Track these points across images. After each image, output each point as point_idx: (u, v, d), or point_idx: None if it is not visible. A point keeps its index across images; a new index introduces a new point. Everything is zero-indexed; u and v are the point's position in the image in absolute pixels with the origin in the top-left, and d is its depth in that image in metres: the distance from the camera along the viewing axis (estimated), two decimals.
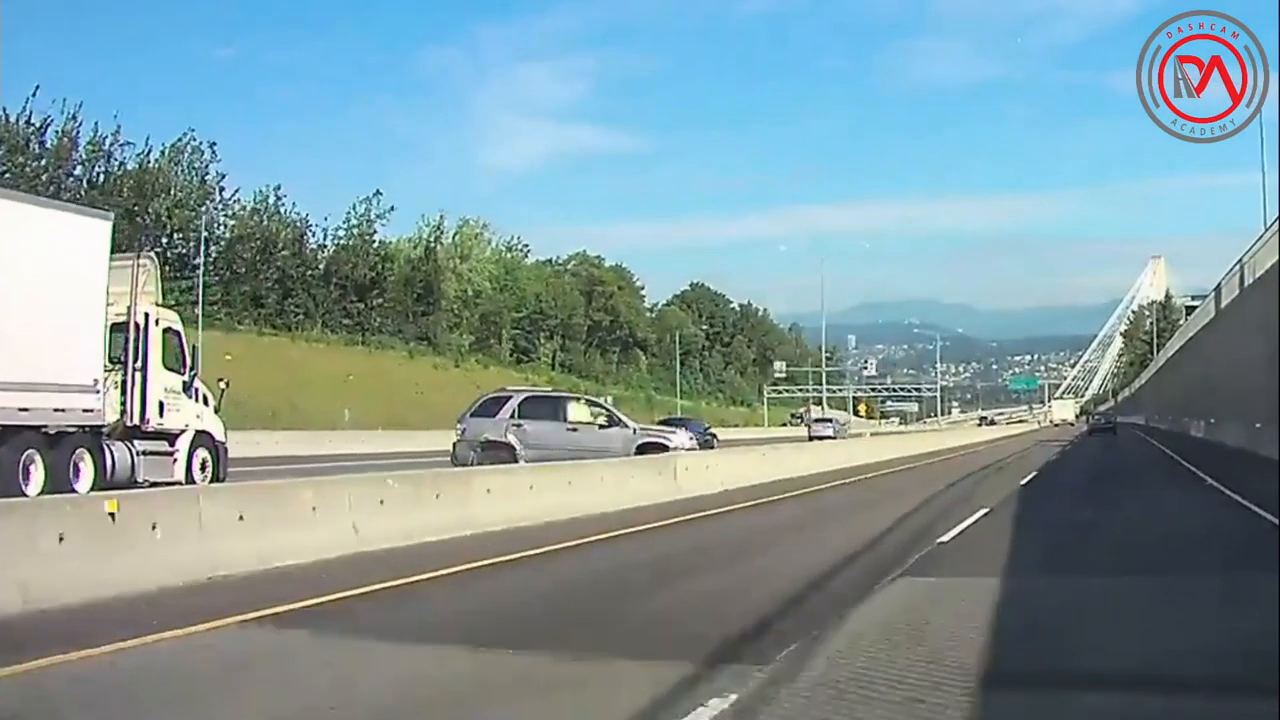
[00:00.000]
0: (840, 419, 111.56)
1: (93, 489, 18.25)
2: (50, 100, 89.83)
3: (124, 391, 20.50)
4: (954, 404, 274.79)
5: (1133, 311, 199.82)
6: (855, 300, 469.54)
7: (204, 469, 22.00)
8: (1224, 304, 40.78)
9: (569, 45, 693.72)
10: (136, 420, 20.57)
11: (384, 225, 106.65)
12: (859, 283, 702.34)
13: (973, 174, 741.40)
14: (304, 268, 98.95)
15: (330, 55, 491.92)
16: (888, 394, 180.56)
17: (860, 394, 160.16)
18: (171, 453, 21.18)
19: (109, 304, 19.77)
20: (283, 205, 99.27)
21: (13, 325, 17.36)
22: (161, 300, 22.42)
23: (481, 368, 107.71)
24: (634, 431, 27.41)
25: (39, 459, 17.89)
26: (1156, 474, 30.70)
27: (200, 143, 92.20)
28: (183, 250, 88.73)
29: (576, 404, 28.58)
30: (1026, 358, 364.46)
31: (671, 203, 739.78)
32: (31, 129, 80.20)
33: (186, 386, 21.82)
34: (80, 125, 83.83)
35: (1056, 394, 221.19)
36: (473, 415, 28.06)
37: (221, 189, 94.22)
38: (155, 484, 19.43)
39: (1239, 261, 35.74)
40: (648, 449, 26.46)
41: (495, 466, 18.57)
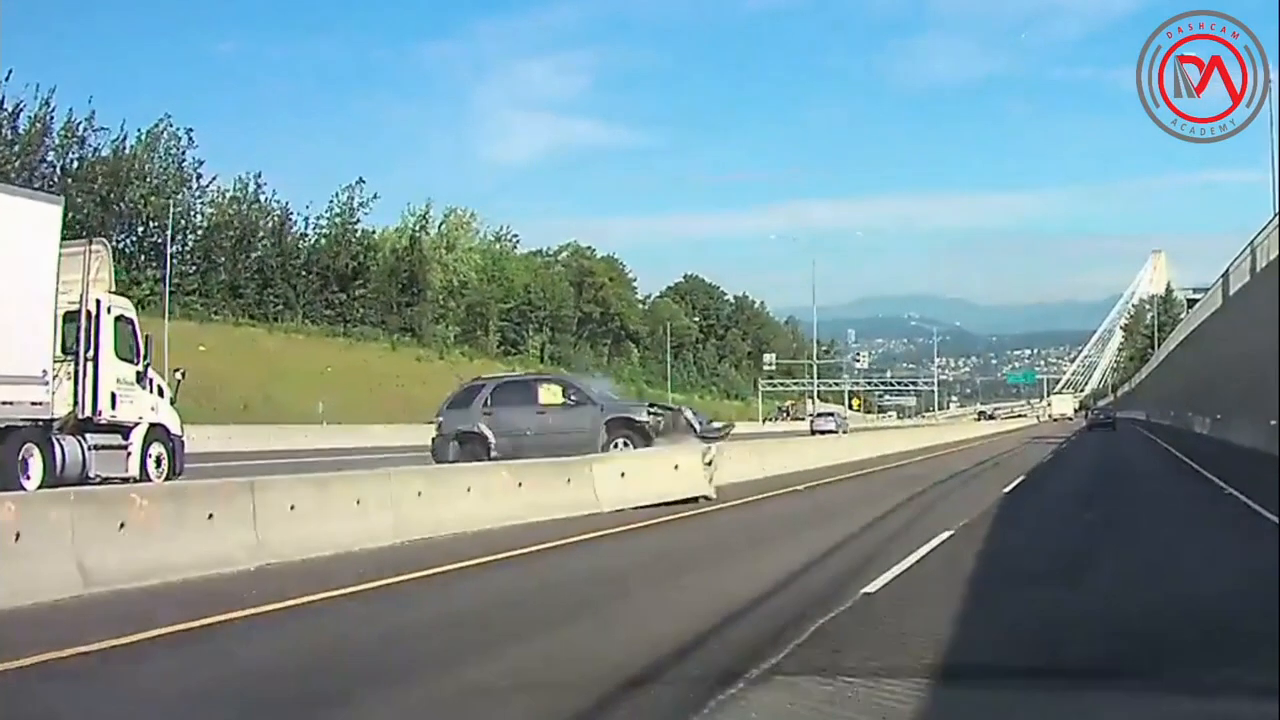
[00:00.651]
0: (841, 413, 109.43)
1: (42, 486, 17.48)
2: (24, 85, 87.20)
3: (76, 383, 19.63)
4: (953, 398, 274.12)
5: (1133, 306, 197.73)
6: (855, 295, 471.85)
7: (159, 464, 21.17)
8: (1232, 291, 38.07)
9: (568, 40, 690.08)
10: (88, 413, 19.73)
11: (367, 214, 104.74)
12: (859, 278, 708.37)
13: (973, 170, 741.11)
14: (284, 257, 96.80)
15: (330, 50, 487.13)
16: (886, 388, 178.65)
17: (856, 388, 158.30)
18: (125, 447, 20.33)
19: (61, 292, 19.01)
20: (263, 193, 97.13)
21: None
22: (114, 288, 21.32)
23: (467, 360, 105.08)
24: (601, 409, 24.86)
25: None
26: (1163, 480, 26.85)
27: (177, 129, 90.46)
28: (158, 239, 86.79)
29: (547, 386, 26.11)
30: (1026, 352, 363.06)
31: (669, 198, 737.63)
32: (3, 114, 78.69)
33: (140, 377, 20.95)
34: (54, 110, 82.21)
35: (1056, 389, 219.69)
36: (449, 407, 26.34)
37: (199, 176, 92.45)
38: (107, 480, 18.85)
39: (1250, 244, 33.11)
40: (616, 426, 24.20)
41: (288, 477, 13.85)
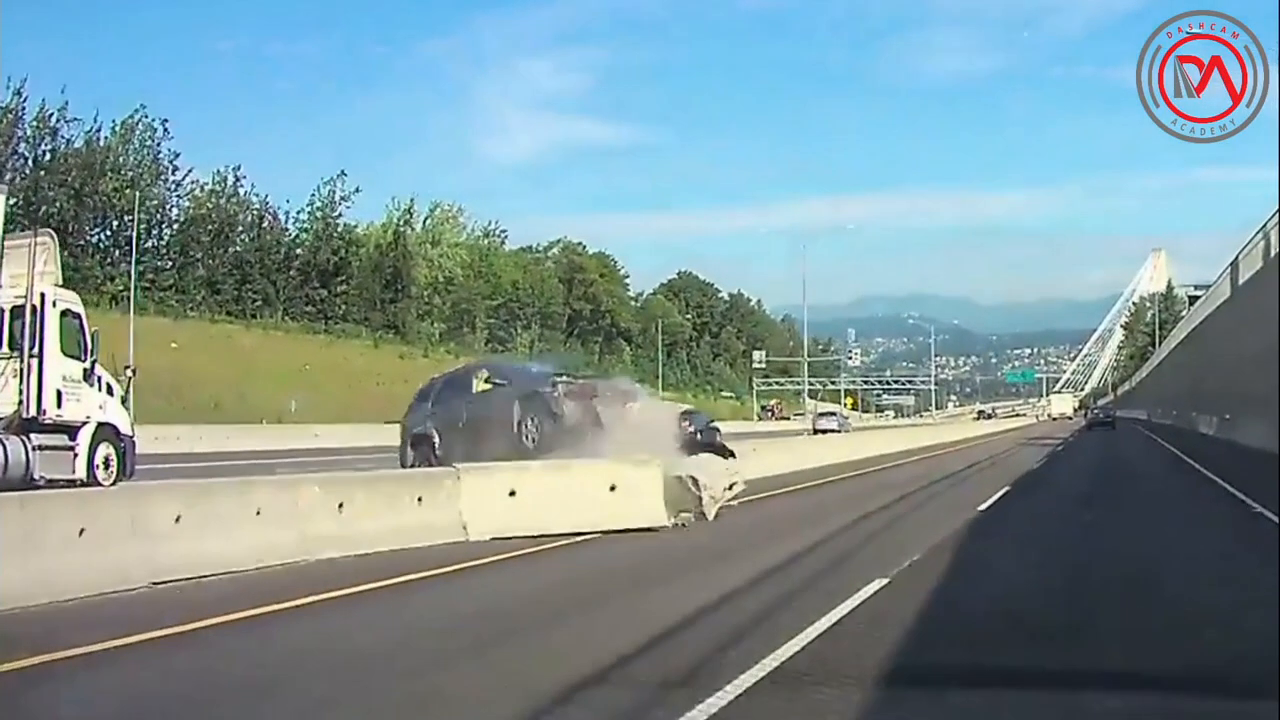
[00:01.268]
0: (844, 413, 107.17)
1: None
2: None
3: (21, 380, 18.81)
4: (952, 397, 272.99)
5: (1133, 304, 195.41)
6: (855, 294, 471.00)
7: (107, 466, 20.10)
8: (1242, 280, 35.38)
9: (568, 37, 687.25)
10: (33, 412, 18.82)
11: (349, 208, 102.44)
12: (859, 277, 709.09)
13: (973, 168, 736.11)
14: (263, 252, 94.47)
15: (328, 47, 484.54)
16: (884, 387, 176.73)
17: (852, 386, 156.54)
18: (71, 448, 19.31)
19: (8, 286, 18.58)
20: (242, 187, 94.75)
21: None
22: (61, 281, 20.41)
23: (452, 358, 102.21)
24: (516, 387, 20.99)
25: None
26: (1174, 494, 22.48)
27: (152, 120, 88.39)
28: (132, 233, 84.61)
29: (479, 373, 22.64)
30: (1026, 351, 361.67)
31: (666, 195, 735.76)
32: None
33: (87, 374, 19.97)
34: (26, 101, 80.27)
35: (1055, 388, 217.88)
36: (410, 408, 23.69)
37: (174, 168, 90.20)
38: (53, 482, 18.04)
39: (1262, 229, 30.45)
40: (526, 404, 19.84)
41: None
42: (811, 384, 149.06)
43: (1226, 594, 9.98)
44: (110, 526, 10.18)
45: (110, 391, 20.75)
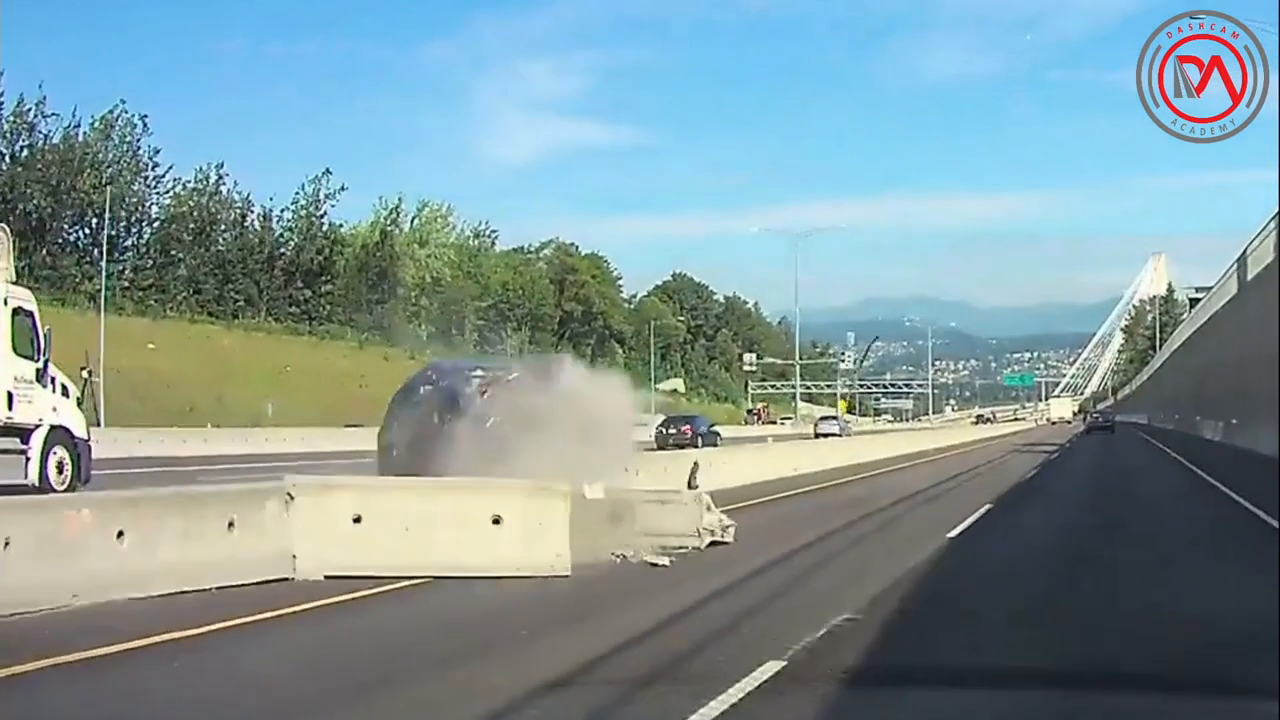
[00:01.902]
0: (845, 417, 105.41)
1: None
2: None
3: None
4: (951, 401, 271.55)
5: (1133, 307, 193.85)
6: (856, 297, 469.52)
7: (61, 470, 19.61)
8: (1250, 276, 33.28)
9: (568, 41, 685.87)
10: None
11: (334, 206, 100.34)
12: (860, 280, 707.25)
13: (973, 171, 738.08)
14: (246, 251, 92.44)
15: (328, 48, 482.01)
16: (882, 391, 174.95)
17: (848, 390, 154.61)
18: (24, 451, 18.86)
19: None
20: (225, 184, 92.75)
21: None
22: (14, 278, 19.97)
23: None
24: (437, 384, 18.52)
25: None
26: (1190, 516, 18.95)
27: (132, 115, 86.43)
28: (112, 231, 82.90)
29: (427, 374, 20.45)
30: (1026, 355, 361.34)
31: (666, 198, 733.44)
32: None
33: (40, 375, 19.46)
34: (2, 96, 79.02)
35: (1055, 392, 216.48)
36: (385, 417, 21.08)
37: (154, 165, 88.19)
38: (4, 488, 16.78)
39: (1275, 219, 28.32)
40: (447, 405, 17.37)
41: None
42: (809, 387, 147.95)
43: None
44: None
45: (65, 393, 20.25)
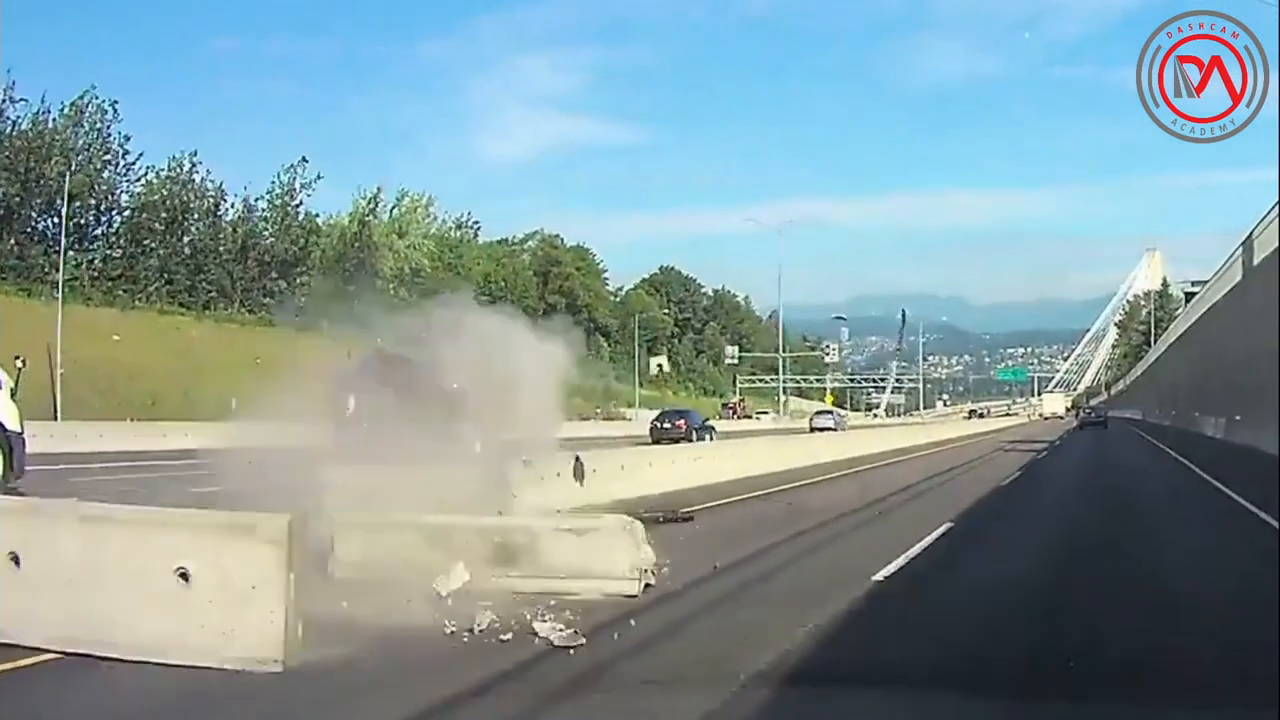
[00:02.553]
0: (840, 412, 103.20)
1: None
2: None
3: None
4: (944, 396, 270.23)
5: (1128, 301, 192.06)
6: (851, 293, 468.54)
7: None
8: (1257, 261, 30.77)
9: (567, 38, 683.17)
10: None
11: (309, 196, 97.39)
12: (854, 276, 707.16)
13: (969, 169, 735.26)
14: (218, 241, 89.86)
15: (327, 45, 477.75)
16: (874, 385, 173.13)
17: (838, 384, 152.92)
18: None
19: None
20: (198, 173, 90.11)
21: None
22: None
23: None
24: None
25: None
26: (1202, 536, 15.12)
27: (103, 101, 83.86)
28: (81, 220, 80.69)
29: None
30: (1019, 351, 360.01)
31: (663, 195, 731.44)
32: None
33: None
34: None
35: (1048, 388, 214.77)
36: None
37: (125, 153, 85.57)
38: None
39: None
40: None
41: None
42: (799, 381, 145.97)
43: None
44: None
45: None
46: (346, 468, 12.04)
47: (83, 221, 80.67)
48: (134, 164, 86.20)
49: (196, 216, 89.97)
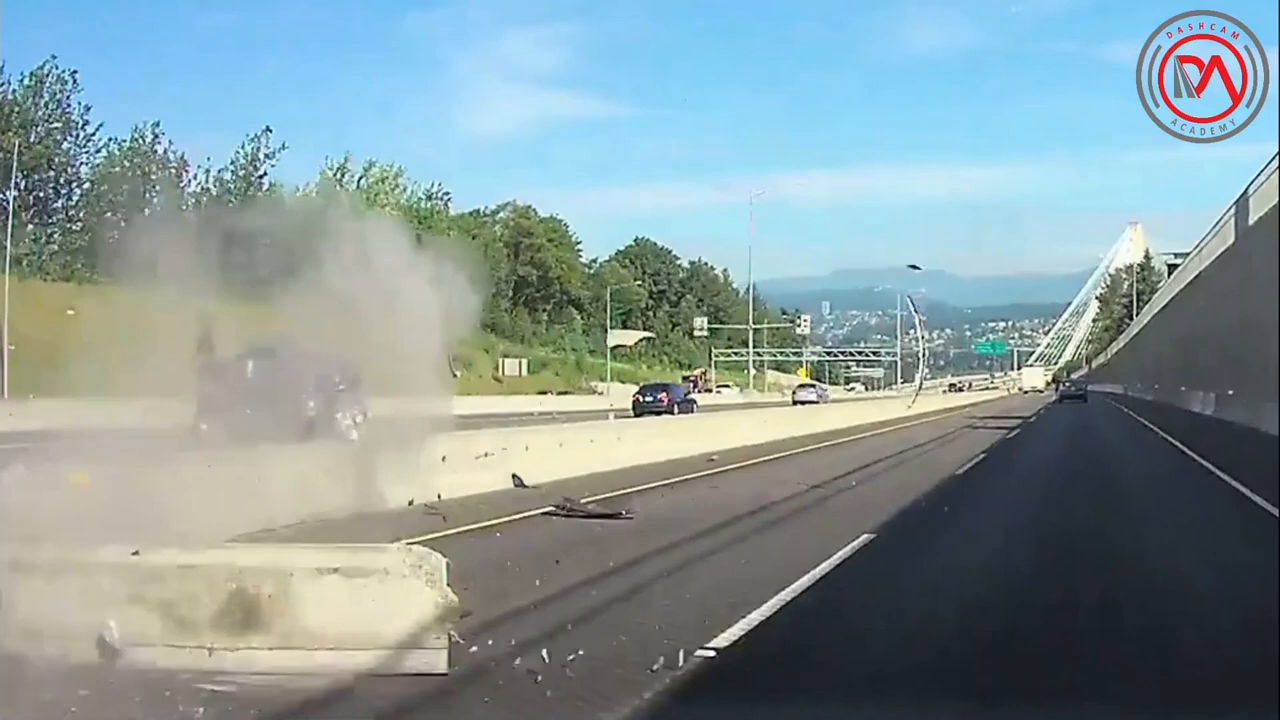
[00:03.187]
0: (822, 386, 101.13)
1: None
2: None
3: None
4: (926, 370, 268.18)
5: (1109, 275, 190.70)
6: (833, 267, 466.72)
7: None
8: (1254, 219, 28.59)
9: (550, 13, 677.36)
10: None
11: (274, 166, 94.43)
12: (835, 250, 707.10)
13: (951, 143, 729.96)
14: (180, 213, 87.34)
15: (309, 16, 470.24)
16: (852, 359, 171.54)
17: (815, 358, 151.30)
18: None
19: None
20: (160, 144, 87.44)
21: None
22: None
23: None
24: None
25: None
26: (1201, 549, 11.81)
27: (63, 71, 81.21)
28: (40, 193, 78.40)
29: None
30: (1001, 325, 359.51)
31: (644, 170, 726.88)
32: None
33: None
34: None
35: (1029, 361, 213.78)
36: None
37: (85, 123, 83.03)
38: None
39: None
40: None
41: None
42: (776, 355, 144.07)
43: None
44: None
45: None
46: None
47: (42, 194, 78.64)
48: (94, 135, 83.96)
49: (159, 189, 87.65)
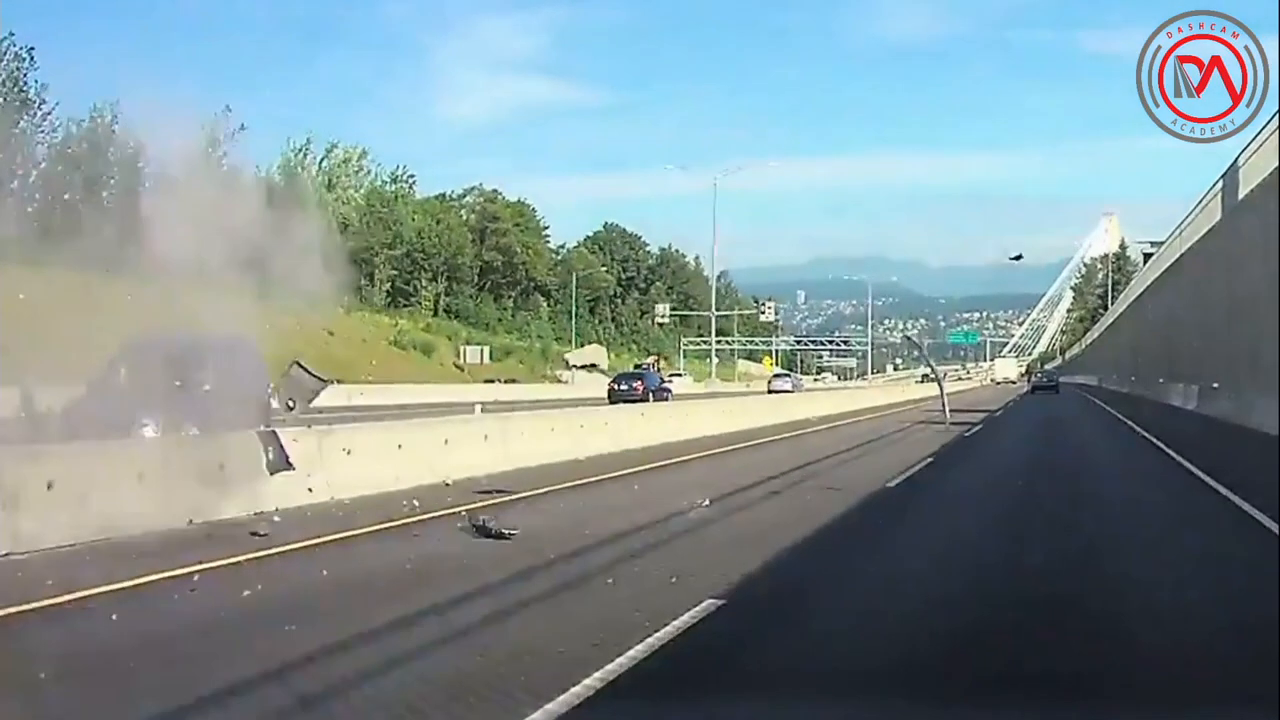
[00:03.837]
0: (798, 375, 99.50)
1: None
2: None
3: None
4: (898, 360, 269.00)
5: (1084, 264, 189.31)
6: (809, 256, 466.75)
7: None
8: (1244, 193, 26.38)
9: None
10: None
11: (234, 147, 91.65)
12: (811, 239, 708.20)
13: (926, 131, 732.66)
14: (137, 194, 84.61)
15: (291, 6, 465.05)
16: (825, 349, 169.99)
17: (786, 347, 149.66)
18: None
19: None
20: (119, 124, 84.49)
21: None
22: None
23: (344, 312, 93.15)
24: None
25: None
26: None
27: (20, 49, 78.34)
28: None
29: None
30: (975, 315, 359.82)
31: (621, 156, 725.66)
32: None
33: None
34: None
35: (1003, 352, 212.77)
36: None
37: (41, 102, 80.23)
38: None
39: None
40: None
41: None
42: (747, 344, 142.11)
43: None
44: None
45: None
46: None
47: None
48: (50, 114, 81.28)
49: (117, 170, 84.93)
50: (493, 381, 74.89)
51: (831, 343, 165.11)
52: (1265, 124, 21.85)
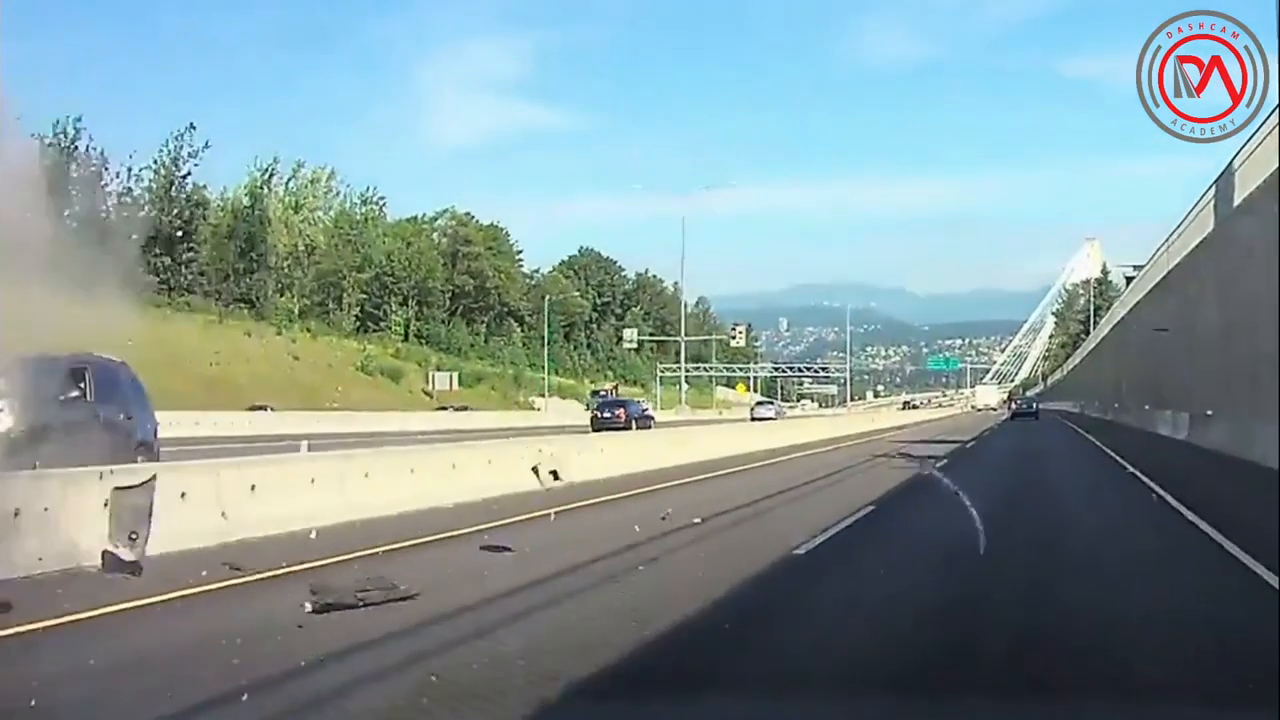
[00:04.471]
0: (779, 403, 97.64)
1: None
2: None
3: None
4: (879, 387, 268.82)
5: (1065, 290, 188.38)
6: (790, 282, 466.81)
7: None
8: (1240, 198, 24.44)
9: (512, 21, 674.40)
10: None
11: (197, 165, 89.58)
12: (793, 265, 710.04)
13: (910, 156, 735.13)
14: (97, 214, 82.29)
15: (269, 21, 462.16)
16: (805, 376, 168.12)
17: (763, 374, 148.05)
18: None
19: None
20: (80, 141, 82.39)
21: None
22: None
23: (310, 337, 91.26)
24: None
25: None
26: None
27: None
28: None
29: None
30: (957, 342, 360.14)
31: (602, 181, 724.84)
32: None
33: None
34: None
35: (984, 379, 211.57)
36: None
37: None
38: None
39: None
40: None
41: None
42: (726, 370, 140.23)
43: None
44: None
45: None
46: None
47: None
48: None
49: (79, 188, 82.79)
50: (445, 409, 73.01)
51: (811, 370, 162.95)
52: (1261, 124, 20.04)
